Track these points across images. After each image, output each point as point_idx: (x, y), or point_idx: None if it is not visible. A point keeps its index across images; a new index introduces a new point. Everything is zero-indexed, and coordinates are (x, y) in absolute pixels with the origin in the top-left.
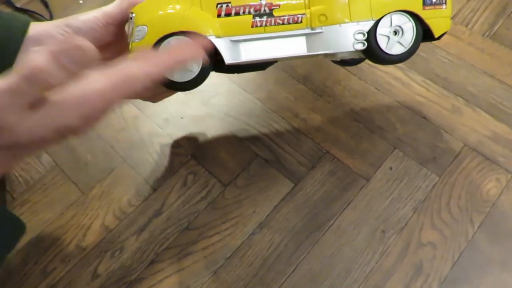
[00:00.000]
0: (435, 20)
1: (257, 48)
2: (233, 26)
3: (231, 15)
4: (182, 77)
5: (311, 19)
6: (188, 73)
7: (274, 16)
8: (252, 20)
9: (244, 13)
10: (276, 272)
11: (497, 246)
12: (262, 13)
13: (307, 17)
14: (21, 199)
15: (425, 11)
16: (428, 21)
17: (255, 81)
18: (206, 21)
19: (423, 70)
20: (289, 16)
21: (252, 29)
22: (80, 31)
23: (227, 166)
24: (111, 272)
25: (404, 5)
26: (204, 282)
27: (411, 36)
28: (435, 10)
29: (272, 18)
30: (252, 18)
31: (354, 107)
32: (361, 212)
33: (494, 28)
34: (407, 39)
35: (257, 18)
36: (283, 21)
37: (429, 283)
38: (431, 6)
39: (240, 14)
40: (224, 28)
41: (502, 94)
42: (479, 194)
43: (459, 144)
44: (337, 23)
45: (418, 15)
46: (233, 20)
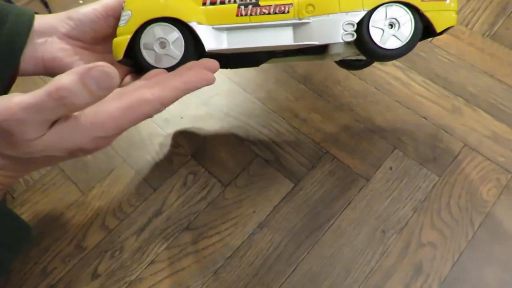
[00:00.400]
0: (436, 13)
1: (240, 37)
2: (218, 15)
3: (216, 4)
4: (166, 63)
5: (299, 9)
6: (171, 60)
7: (260, 6)
8: (237, 9)
9: (230, 1)
10: (276, 272)
11: (497, 246)
12: (247, 2)
13: (295, 7)
14: (21, 199)
15: (424, 3)
16: (428, 13)
17: (255, 81)
18: (189, 8)
19: (423, 70)
20: (275, 6)
21: (237, 18)
22: (81, 24)
23: (227, 166)
24: (111, 272)
25: None
26: (204, 282)
27: (409, 30)
28: (436, 2)
29: (258, 8)
30: (237, 7)
31: (354, 107)
32: (361, 212)
33: (494, 28)
34: (404, 33)
35: (242, 7)
36: (269, 10)
37: (429, 283)
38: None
39: (225, 3)
40: (208, 17)
41: (502, 94)
42: (479, 194)
43: (459, 144)
44: (325, 13)
45: (417, 7)
46: (218, 9)
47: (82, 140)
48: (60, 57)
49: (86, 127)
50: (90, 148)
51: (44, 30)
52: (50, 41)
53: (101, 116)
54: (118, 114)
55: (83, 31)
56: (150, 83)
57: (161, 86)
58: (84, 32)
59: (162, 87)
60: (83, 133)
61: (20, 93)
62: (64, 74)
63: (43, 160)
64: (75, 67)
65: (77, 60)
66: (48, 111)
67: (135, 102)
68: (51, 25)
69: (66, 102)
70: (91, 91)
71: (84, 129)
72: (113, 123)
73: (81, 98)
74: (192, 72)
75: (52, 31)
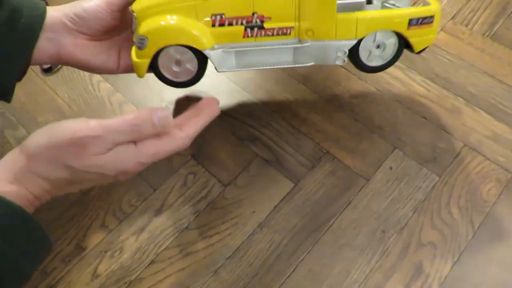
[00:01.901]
0: (418, 38)
1: (246, 59)
2: (226, 36)
3: (224, 26)
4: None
5: (299, 32)
6: (187, 75)
7: (264, 28)
8: (244, 31)
9: (237, 24)
10: (276, 272)
11: (497, 246)
12: (253, 24)
13: (296, 29)
14: None
15: (410, 31)
16: (411, 39)
17: (255, 81)
18: (200, 32)
19: (423, 70)
20: (278, 28)
21: (244, 39)
22: (88, 21)
23: (227, 166)
24: (111, 272)
25: (389, 26)
26: (204, 282)
27: (391, 51)
28: (421, 29)
29: (263, 30)
30: (244, 29)
31: (354, 107)
32: (361, 212)
33: (494, 28)
34: (388, 54)
35: (249, 29)
36: (272, 32)
37: (429, 283)
38: (416, 26)
39: (233, 24)
40: (217, 37)
41: (502, 94)
42: (479, 194)
43: (459, 144)
44: (322, 39)
45: (402, 34)
46: (226, 30)
47: (130, 163)
48: (74, 53)
49: (136, 153)
50: (132, 171)
51: (54, 26)
52: (61, 36)
53: (146, 145)
54: (159, 146)
55: (90, 27)
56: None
57: (188, 126)
58: (91, 27)
59: (189, 127)
60: (133, 157)
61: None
62: (139, 110)
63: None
64: (148, 108)
65: (89, 54)
66: (121, 134)
67: (172, 138)
68: (61, 21)
69: (136, 129)
70: (153, 125)
71: (135, 154)
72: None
73: (146, 129)
74: (206, 112)
75: (62, 26)
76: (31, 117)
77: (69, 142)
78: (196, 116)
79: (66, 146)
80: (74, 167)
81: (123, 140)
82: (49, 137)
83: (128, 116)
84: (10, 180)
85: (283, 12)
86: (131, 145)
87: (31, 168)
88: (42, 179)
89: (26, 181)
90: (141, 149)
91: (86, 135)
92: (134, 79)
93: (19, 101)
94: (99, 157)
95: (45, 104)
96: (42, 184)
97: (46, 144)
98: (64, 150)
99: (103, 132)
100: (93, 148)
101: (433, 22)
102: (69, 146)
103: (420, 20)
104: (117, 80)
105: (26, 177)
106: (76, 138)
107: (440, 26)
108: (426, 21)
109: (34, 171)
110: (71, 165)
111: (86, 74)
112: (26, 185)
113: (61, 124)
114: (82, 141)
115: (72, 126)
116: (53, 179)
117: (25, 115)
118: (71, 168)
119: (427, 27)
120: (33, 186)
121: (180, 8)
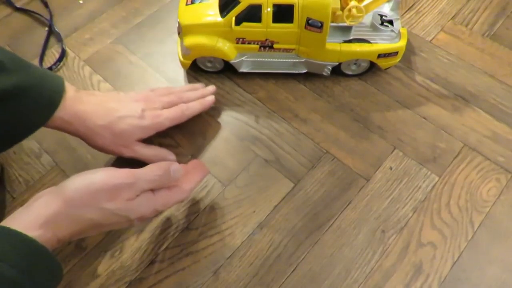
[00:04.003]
0: (385, 63)
1: (260, 65)
2: (245, 49)
3: (245, 44)
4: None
5: (298, 51)
6: (216, 68)
7: (274, 48)
8: (259, 48)
9: (254, 43)
10: (276, 272)
11: (497, 246)
12: (266, 45)
13: (296, 50)
14: (21, 199)
15: (379, 59)
16: (380, 64)
17: (255, 81)
18: (229, 48)
19: (423, 70)
20: (284, 49)
21: (258, 52)
22: None
23: (227, 166)
24: (111, 272)
25: (364, 56)
26: (204, 282)
27: (364, 67)
28: (387, 59)
29: (272, 49)
30: (258, 48)
31: (354, 107)
32: (361, 212)
33: (494, 28)
34: (361, 68)
35: (262, 47)
36: (279, 50)
37: (429, 283)
38: (383, 57)
39: (251, 44)
40: (239, 49)
41: (502, 94)
42: (479, 194)
43: (459, 144)
44: (314, 59)
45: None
46: (246, 46)
47: (149, 209)
48: None
49: (154, 200)
50: (148, 217)
51: None
52: None
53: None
54: (171, 196)
55: None
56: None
57: (188, 181)
58: None
59: (189, 182)
60: (152, 204)
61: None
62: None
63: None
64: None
65: None
66: (148, 182)
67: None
68: None
69: (158, 179)
70: (170, 176)
71: (153, 201)
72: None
73: (166, 179)
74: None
75: None
76: None
77: (106, 188)
78: (192, 174)
79: (103, 191)
80: (106, 209)
81: (148, 187)
82: (87, 184)
83: (153, 166)
84: (40, 223)
85: (288, 39)
86: (151, 193)
87: (67, 211)
88: (74, 221)
89: (56, 225)
90: (157, 197)
91: (122, 182)
92: (134, 79)
93: None
94: (129, 202)
95: None
96: (71, 226)
97: (85, 189)
98: (101, 194)
99: (135, 179)
100: (126, 193)
101: (398, 54)
102: (106, 191)
103: (387, 54)
104: (117, 80)
105: (58, 220)
106: (112, 184)
107: (440, 26)
108: (392, 54)
109: (69, 214)
110: (105, 207)
111: (86, 73)
112: (54, 229)
113: (97, 172)
114: (117, 187)
115: (108, 174)
116: (84, 221)
117: None
118: (104, 210)
119: (392, 58)
120: (61, 229)
121: (214, 31)
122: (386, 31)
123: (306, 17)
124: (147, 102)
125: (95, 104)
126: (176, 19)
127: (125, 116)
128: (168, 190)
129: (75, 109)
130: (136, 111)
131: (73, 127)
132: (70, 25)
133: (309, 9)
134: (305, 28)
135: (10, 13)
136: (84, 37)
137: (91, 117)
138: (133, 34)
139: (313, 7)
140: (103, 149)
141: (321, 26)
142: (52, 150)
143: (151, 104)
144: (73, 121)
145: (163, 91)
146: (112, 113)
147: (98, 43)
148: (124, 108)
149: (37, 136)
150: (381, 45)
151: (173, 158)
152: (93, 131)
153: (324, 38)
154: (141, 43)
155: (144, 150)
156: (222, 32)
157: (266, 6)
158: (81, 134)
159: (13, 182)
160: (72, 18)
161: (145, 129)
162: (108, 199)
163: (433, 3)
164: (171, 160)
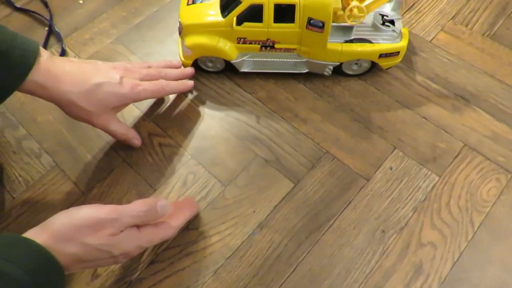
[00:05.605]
0: (386, 63)
1: (261, 64)
2: (247, 49)
3: (246, 44)
4: (215, 69)
5: (300, 51)
6: (217, 68)
7: (275, 48)
8: (259, 48)
9: (255, 43)
10: (276, 272)
11: (497, 246)
12: (267, 45)
13: (297, 50)
14: (21, 199)
15: (380, 59)
16: (381, 64)
17: (255, 81)
18: (230, 48)
19: (423, 70)
20: (285, 49)
21: (259, 52)
22: None
23: (227, 166)
24: (111, 272)
25: (365, 56)
26: (204, 282)
27: (365, 67)
28: (388, 58)
29: (273, 49)
30: (260, 47)
31: (354, 107)
32: (361, 212)
33: (494, 28)
34: (362, 68)
35: (263, 47)
36: (280, 50)
37: (429, 283)
38: (385, 57)
39: (252, 43)
40: (240, 49)
41: (502, 94)
42: (479, 194)
43: (459, 144)
44: (315, 59)
45: (375, 62)
46: (247, 46)
47: (133, 245)
48: None
49: (139, 237)
50: (132, 254)
51: None
52: None
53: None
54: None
55: None
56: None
57: (177, 218)
58: None
59: (177, 219)
60: (137, 240)
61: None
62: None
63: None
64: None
65: None
66: (132, 218)
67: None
68: None
69: (143, 214)
70: (156, 213)
71: (138, 238)
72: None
73: (152, 215)
74: (186, 210)
75: None
76: (31, 117)
77: (90, 222)
78: (181, 210)
79: (86, 226)
80: (89, 245)
81: (132, 223)
82: (71, 218)
83: (138, 202)
84: None
85: (289, 39)
86: (135, 229)
87: (52, 245)
88: (57, 256)
89: None
90: (142, 234)
91: (105, 217)
92: None
93: (19, 101)
94: (112, 237)
95: (45, 104)
96: None
97: (68, 223)
98: (84, 229)
99: (119, 215)
100: (110, 228)
101: (399, 54)
102: (89, 225)
103: (388, 54)
104: None
105: None
106: (95, 218)
107: (440, 26)
108: (393, 54)
109: (52, 248)
110: (87, 242)
111: None
112: None
113: (81, 208)
114: (100, 222)
115: (91, 209)
116: (67, 255)
117: (25, 115)
118: (86, 245)
119: (393, 58)
120: None
121: (216, 31)
122: (388, 31)
123: (308, 17)
124: (126, 71)
125: (71, 68)
126: (177, 19)
127: (102, 83)
128: (155, 226)
129: (50, 73)
130: (115, 78)
131: (47, 92)
132: (70, 25)
133: (311, 9)
134: (307, 28)
135: (10, 13)
136: (84, 37)
137: (67, 82)
138: (133, 34)
139: (315, 7)
140: (76, 116)
141: (322, 26)
142: (52, 150)
143: (130, 73)
144: (48, 85)
145: (141, 64)
146: (89, 78)
147: (98, 43)
148: (102, 74)
149: (37, 136)
150: (383, 45)
151: (138, 143)
152: (67, 97)
153: (326, 38)
154: (141, 43)
155: (114, 124)
156: (223, 32)
157: (268, 6)
158: (56, 100)
159: (13, 182)
160: (72, 18)
161: (122, 97)
162: (91, 233)
163: (433, 3)
164: (136, 144)
